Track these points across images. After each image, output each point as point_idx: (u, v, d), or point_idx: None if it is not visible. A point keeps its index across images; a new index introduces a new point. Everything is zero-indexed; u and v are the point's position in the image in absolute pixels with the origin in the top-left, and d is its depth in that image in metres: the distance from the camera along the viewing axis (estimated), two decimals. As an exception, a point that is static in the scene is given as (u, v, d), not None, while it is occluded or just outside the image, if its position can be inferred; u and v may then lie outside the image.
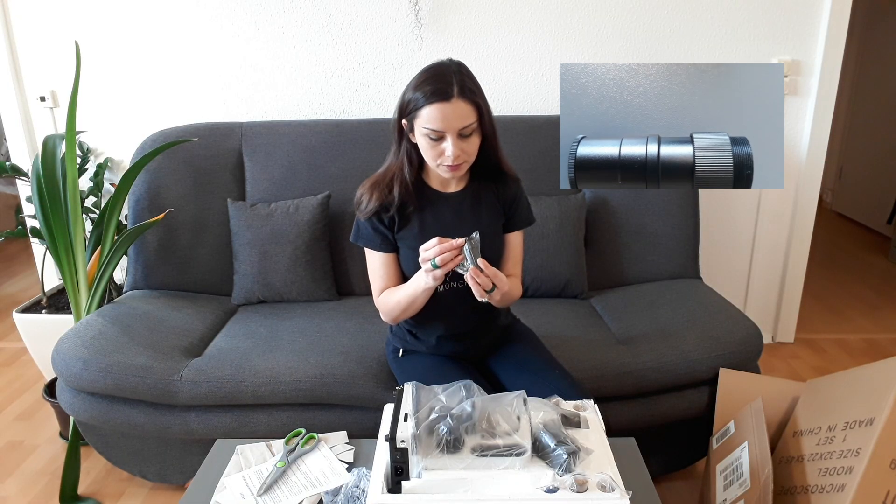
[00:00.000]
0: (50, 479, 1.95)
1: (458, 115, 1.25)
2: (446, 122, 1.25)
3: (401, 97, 1.32)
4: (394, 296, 1.40)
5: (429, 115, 1.25)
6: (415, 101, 1.27)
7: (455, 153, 1.27)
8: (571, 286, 2.05)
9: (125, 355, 1.67)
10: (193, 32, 2.34)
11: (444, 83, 1.25)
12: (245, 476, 1.22)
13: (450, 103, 1.24)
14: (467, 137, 1.29)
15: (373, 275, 1.46)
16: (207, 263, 2.14)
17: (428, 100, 1.24)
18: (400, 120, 1.34)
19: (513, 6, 2.30)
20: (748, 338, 1.73)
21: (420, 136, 1.30)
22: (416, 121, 1.28)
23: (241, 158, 2.18)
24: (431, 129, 1.26)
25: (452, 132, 1.26)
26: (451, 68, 1.28)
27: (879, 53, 4.15)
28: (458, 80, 1.25)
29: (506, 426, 1.06)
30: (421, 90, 1.26)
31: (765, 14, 2.31)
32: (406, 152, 1.38)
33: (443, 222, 1.42)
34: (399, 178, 1.38)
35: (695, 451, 1.83)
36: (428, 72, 1.29)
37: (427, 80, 1.27)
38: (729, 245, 2.58)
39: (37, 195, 1.97)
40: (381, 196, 1.37)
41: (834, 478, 1.23)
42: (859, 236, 4.21)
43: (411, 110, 1.29)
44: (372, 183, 1.41)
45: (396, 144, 1.39)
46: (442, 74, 1.26)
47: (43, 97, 2.43)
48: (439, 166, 1.32)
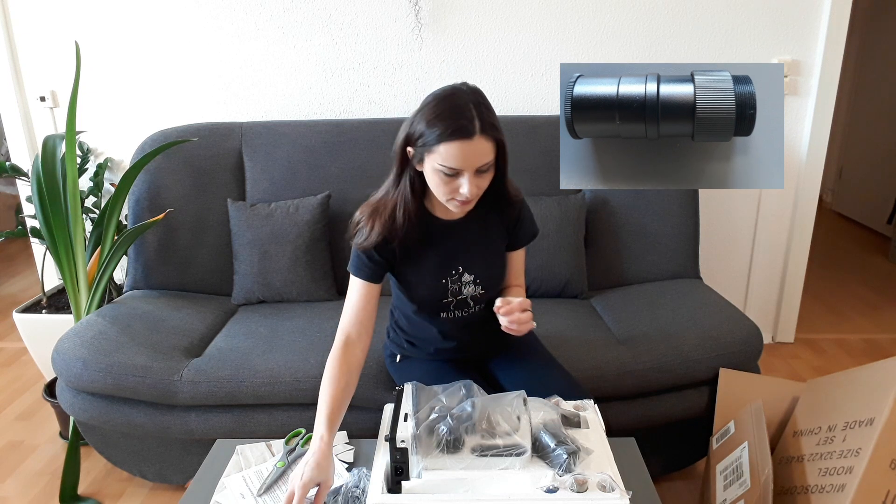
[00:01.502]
0: (50, 479, 1.95)
1: (478, 153, 1.16)
2: (466, 161, 1.16)
3: (409, 125, 1.21)
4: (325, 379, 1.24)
5: (447, 153, 1.15)
6: (430, 135, 1.16)
7: (472, 191, 1.19)
8: (571, 286, 2.05)
9: (125, 355, 1.67)
10: (193, 32, 2.34)
11: (464, 119, 1.14)
12: (245, 476, 1.22)
13: (471, 141, 1.14)
14: (483, 173, 1.21)
15: (347, 302, 1.33)
16: (207, 263, 2.14)
17: (448, 137, 1.14)
18: (405, 147, 1.24)
19: (513, 6, 2.30)
20: (748, 338, 1.73)
21: (433, 171, 1.20)
22: (430, 155, 1.18)
23: (241, 158, 2.18)
24: (448, 167, 1.17)
25: (471, 170, 1.18)
26: (468, 98, 1.17)
27: (879, 53, 4.15)
28: (478, 115, 1.15)
29: (506, 426, 1.06)
30: (439, 125, 1.15)
31: (765, 14, 2.31)
32: (410, 181, 1.27)
33: (449, 251, 1.36)
34: (403, 208, 1.28)
35: (695, 451, 1.83)
36: (444, 102, 1.17)
37: (445, 114, 1.15)
38: (729, 245, 2.58)
39: (37, 195, 1.97)
40: (384, 228, 1.28)
41: (834, 478, 1.23)
42: (859, 236, 4.21)
43: (425, 143, 1.18)
44: (371, 211, 1.30)
45: (398, 171, 1.28)
46: (460, 108, 1.15)
47: (43, 97, 2.43)
48: (450, 201, 1.24)
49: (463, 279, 1.37)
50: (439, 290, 1.37)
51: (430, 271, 1.35)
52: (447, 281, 1.36)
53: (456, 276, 1.37)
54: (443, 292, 1.37)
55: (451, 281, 1.37)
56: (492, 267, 1.41)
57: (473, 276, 1.38)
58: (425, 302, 1.39)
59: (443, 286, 1.36)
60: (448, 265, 1.36)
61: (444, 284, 1.36)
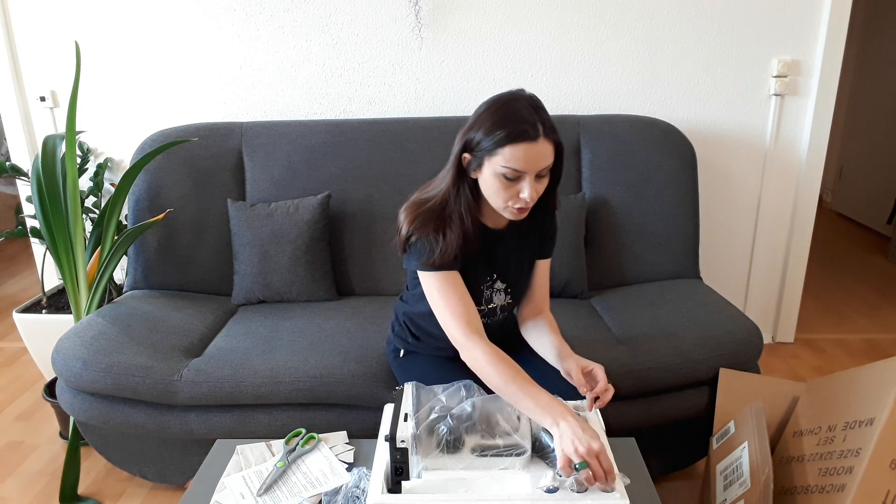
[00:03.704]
0: (50, 479, 1.95)
1: (541, 155, 1.18)
2: (529, 164, 1.18)
3: (467, 131, 1.23)
4: (502, 371, 1.16)
5: (511, 155, 1.17)
6: (492, 139, 1.18)
7: (531, 195, 1.20)
8: (571, 286, 2.05)
9: (125, 355, 1.67)
10: (193, 32, 2.34)
11: (527, 123, 1.17)
12: (245, 476, 1.22)
13: (536, 144, 1.17)
14: (542, 178, 1.23)
15: (446, 300, 1.27)
16: (207, 263, 2.14)
17: (513, 140, 1.16)
18: (462, 154, 1.25)
19: (513, 6, 2.30)
20: (748, 338, 1.73)
21: (492, 175, 1.21)
22: (491, 159, 1.19)
23: (241, 158, 2.18)
24: (511, 169, 1.18)
25: (532, 173, 1.19)
26: (528, 103, 1.20)
27: (879, 53, 4.15)
28: (540, 119, 1.18)
29: (506, 426, 1.06)
30: (503, 129, 1.17)
31: (765, 14, 2.31)
32: (469, 188, 1.28)
33: (490, 259, 1.37)
34: (469, 216, 1.28)
35: (695, 451, 1.83)
36: (505, 107, 1.20)
37: (509, 117, 1.18)
38: (729, 245, 2.58)
39: (37, 195, 1.97)
40: (458, 238, 1.26)
41: (834, 478, 1.23)
42: (859, 236, 4.21)
43: (486, 148, 1.19)
44: (428, 219, 1.28)
45: (455, 179, 1.27)
46: (520, 113, 1.18)
47: (43, 97, 2.43)
48: (506, 208, 1.24)
49: (495, 286, 1.40)
50: (476, 297, 1.37)
51: (471, 278, 1.35)
52: (483, 288, 1.38)
53: (489, 283, 1.39)
54: (478, 299, 1.38)
55: (486, 287, 1.39)
56: (522, 277, 1.44)
57: (506, 284, 1.40)
58: None
59: (479, 293, 1.38)
60: (486, 272, 1.38)
61: (480, 291, 1.38)
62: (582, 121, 2.20)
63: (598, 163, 2.16)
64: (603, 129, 2.18)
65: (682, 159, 2.16)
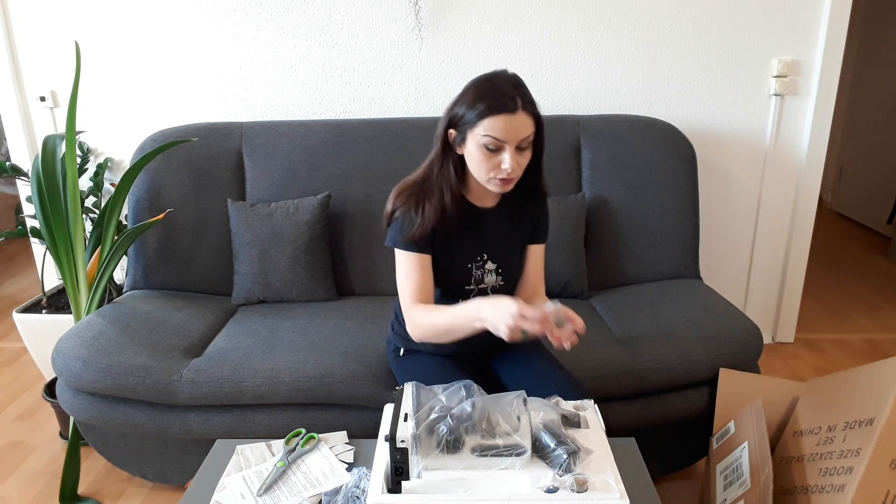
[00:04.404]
0: (50, 479, 1.95)
1: (520, 126, 1.25)
2: (509, 133, 1.24)
3: (451, 108, 1.30)
4: (431, 317, 1.32)
5: (491, 125, 1.23)
6: (474, 113, 1.25)
7: (512, 165, 1.25)
8: (571, 286, 2.05)
9: (125, 355, 1.67)
10: (193, 32, 2.34)
11: (506, 96, 1.23)
12: (245, 476, 1.22)
13: (514, 115, 1.23)
14: (523, 150, 1.28)
15: (406, 278, 1.36)
16: (207, 263, 2.14)
17: (492, 112, 1.23)
18: (447, 130, 1.31)
19: (513, 6, 2.30)
20: (748, 338, 1.73)
21: (475, 146, 1.27)
22: (474, 130, 1.25)
23: (241, 158, 2.18)
24: (492, 138, 1.24)
25: (513, 144, 1.25)
26: (510, 80, 1.26)
27: (879, 53, 4.15)
28: (519, 93, 1.25)
29: (506, 426, 1.06)
30: (483, 102, 1.24)
31: (765, 14, 2.31)
32: (453, 164, 1.34)
33: (478, 238, 1.41)
34: (449, 190, 1.34)
35: (695, 451, 1.83)
36: (486, 83, 1.27)
37: (489, 92, 1.25)
38: (729, 245, 2.58)
39: (37, 195, 1.97)
40: (435, 212, 1.33)
41: (834, 478, 1.23)
42: (859, 236, 4.21)
43: (468, 120, 1.26)
44: (412, 194, 1.35)
45: (441, 156, 1.34)
46: (501, 87, 1.25)
47: (43, 97, 2.43)
48: (490, 180, 1.29)
49: (486, 267, 1.42)
50: (464, 275, 1.41)
51: (458, 255, 1.40)
52: (472, 266, 1.41)
53: (480, 263, 1.42)
54: (467, 278, 1.42)
55: (476, 267, 1.41)
56: (513, 258, 1.47)
57: (496, 265, 1.43)
58: (450, 286, 1.43)
59: (468, 271, 1.41)
60: (476, 251, 1.41)
61: (469, 269, 1.41)
62: (582, 121, 2.20)
63: (598, 163, 2.16)
64: (603, 129, 2.18)
65: (682, 159, 2.16)
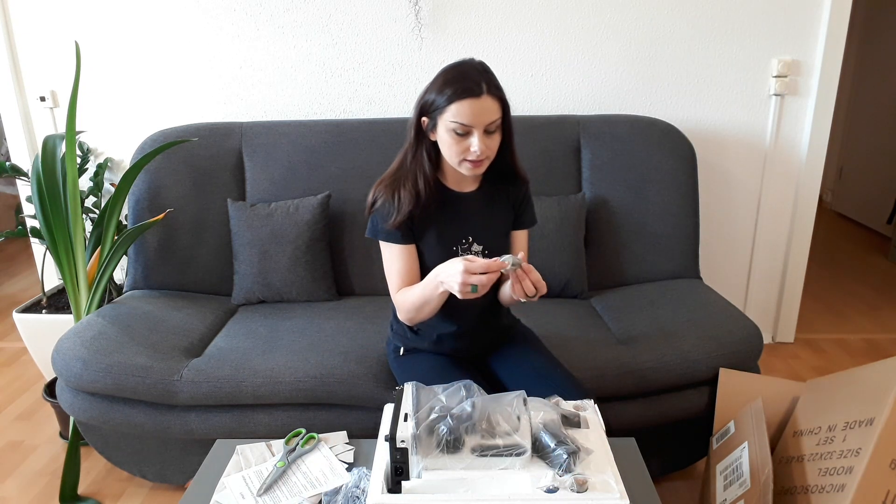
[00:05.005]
0: (50, 479, 1.95)
1: (486, 110, 1.28)
2: (475, 118, 1.28)
3: (423, 96, 1.34)
4: (408, 295, 1.39)
5: (458, 110, 1.27)
6: (442, 98, 1.29)
7: (481, 148, 1.29)
8: (571, 286, 2.05)
9: (125, 355, 1.67)
10: (193, 32, 2.34)
11: (471, 81, 1.28)
12: (245, 476, 1.22)
13: (479, 99, 1.27)
14: (491, 134, 1.32)
15: (390, 269, 1.43)
16: (207, 263, 2.14)
17: (458, 96, 1.27)
18: (420, 118, 1.35)
19: (513, 6, 2.29)
20: (748, 338, 1.73)
21: (445, 131, 1.31)
22: (443, 115, 1.29)
23: (241, 158, 2.18)
24: (460, 124, 1.28)
25: (480, 127, 1.29)
26: (476, 67, 1.32)
27: (879, 53, 4.15)
28: (484, 79, 1.29)
29: (506, 426, 1.06)
30: (450, 87, 1.28)
31: (765, 14, 2.31)
32: (427, 150, 1.38)
33: (460, 221, 1.43)
34: (422, 176, 1.38)
35: (695, 451, 1.83)
36: (452, 71, 1.32)
37: (455, 78, 1.29)
38: (729, 245, 2.58)
39: (37, 195, 1.97)
40: (411, 198, 1.36)
41: (834, 478, 1.23)
42: (859, 236, 4.21)
43: (437, 107, 1.30)
44: (389, 184, 1.39)
45: (415, 143, 1.38)
46: (468, 73, 1.30)
47: (43, 97, 2.43)
48: (462, 163, 1.33)
49: (473, 249, 1.44)
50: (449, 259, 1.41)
51: (442, 240, 1.42)
52: (458, 249, 1.43)
53: (466, 246, 1.43)
54: None
55: (462, 250, 1.43)
56: (499, 240, 1.48)
57: (482, 246, 1.45)
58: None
59: (455, 255, 1.42)
60: (459, 234, 1.43)
61: (455, 253, 1.42)
62: (582, 121, 2.20)
63: (598, 163, 2.16)
64: (603, 129, 2.18)
65: (682, 159, 2.16)
